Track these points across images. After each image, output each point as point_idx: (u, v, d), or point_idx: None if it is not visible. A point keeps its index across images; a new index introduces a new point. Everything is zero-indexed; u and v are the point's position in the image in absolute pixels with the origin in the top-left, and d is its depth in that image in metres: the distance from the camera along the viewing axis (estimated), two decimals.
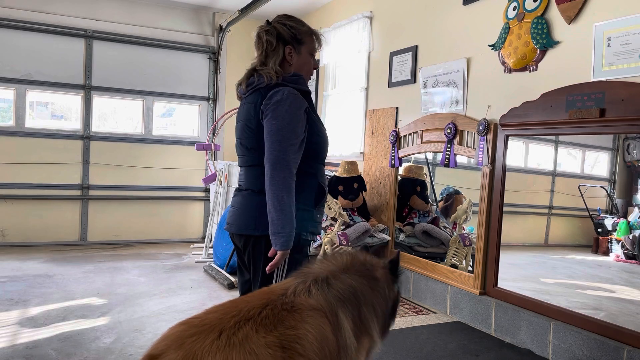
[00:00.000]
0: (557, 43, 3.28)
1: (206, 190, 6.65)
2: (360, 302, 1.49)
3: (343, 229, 4.40)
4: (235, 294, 2.35)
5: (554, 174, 4.05)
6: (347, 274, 1.52)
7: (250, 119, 2.01)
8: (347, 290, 1.48)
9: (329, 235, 4.31)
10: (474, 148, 3.82)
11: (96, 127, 6.19)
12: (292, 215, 1.89)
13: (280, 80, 2.00)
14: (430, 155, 4.93)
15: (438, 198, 5.01)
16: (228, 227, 2.12)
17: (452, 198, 4.78)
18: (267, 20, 2.09)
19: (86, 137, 6.09)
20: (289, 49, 2.06)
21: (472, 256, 3.93)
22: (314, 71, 2.20)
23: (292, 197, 1.90)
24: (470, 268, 4.05)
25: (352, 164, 4.88)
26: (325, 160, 2.17)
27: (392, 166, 4.70)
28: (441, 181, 5.05)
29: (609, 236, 3.63)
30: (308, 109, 2.00)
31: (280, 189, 1.87)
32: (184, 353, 1.15)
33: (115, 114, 6.42)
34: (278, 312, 1.31)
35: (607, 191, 3.85)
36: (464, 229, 4.39)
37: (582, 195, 3.86)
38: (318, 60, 5.90)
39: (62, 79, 5.95)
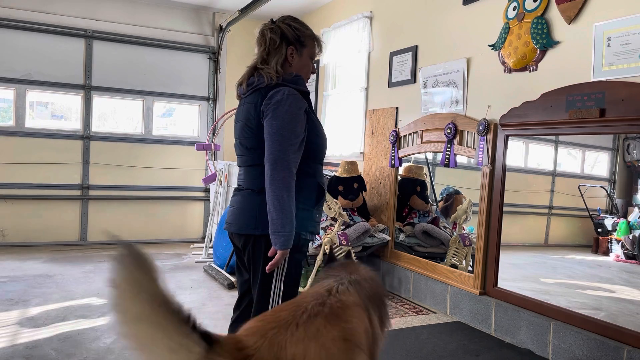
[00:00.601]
0: (557, 43, 3.28)
1: (206, 190, 6.65)
2: (383, 302, 1.73)
3: (343, 229, 4.40)
4: (235, 294, 2.35)
5: (554, 174, 4.05)
6: (367, 280, 1.72)
7: (251, 119, 2.01)
8: (374, 290, 1.68)
9: (329, 235, 4.31)
10: (474, 148, 3.82)
11: (96, 127, 6.19)
12: (292, 215, 1.89)
13: (281, 81, 2.00)
14: (430, 155, 4.93)
15: (438, 198, 5.01)
16: (228, 227, 2.12)
17: (452, 198, 4.78)
18: (272, 19, 2.10)
19: (86, 137, 6.09)
20: (292, 49, 2.06)
21: (472, 256, 3.93)
22: (312, 75, 2.21)
23: (292, 196, 1.90)
24: (470, 268, 4.05)
25: (352, 164, 4.88)
26: (325, 160, 2.18)
27: (392, 166, 4.70)
28: (441, 181, 5.05)
29: (609, 236, 3.63)
30: (308, 110, 2.01)
31: (280, 189, 1.87)
32: (269, 342, 1.27)
33: (115, 114, 6.42)
34: (335, 309, 1.45)
35: (607, 191, 3.85)
36: (464, 229, 4.39)
37: (582, 195, 3.86)
38: (317, 61, 5.90)
39: (62, 79, 5.95)
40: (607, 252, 3.62)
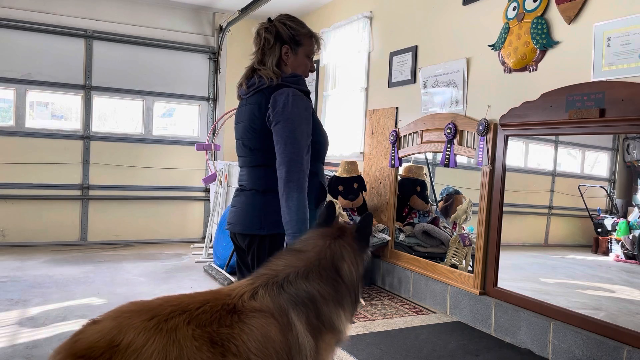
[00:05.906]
0: (557, 43, 3.28)
1: (206, 190, 6.65)
2: (319, 304, 1.53)
3: None
4: None
5: (553, 174, 4.06)
6: (305, 280, 1.54)
7: (254, 120, 2.01)
8: (301, 294, 1.51)
9: None
10: (474, 148, 3.82)
11: (96, 127, 6.19)
12: (306, 215, 1.90)
13: (281, 81, 2.00)
14: (430, 155, 4.93)
15: (438, 198, 5.01)
16: (231, 227, 2.11)
17: (452, 198, 4.79)
18: (269, 18, 2.09)
19: (86, 137, 6.09)
20: (286, 48, 2.06)
21: (472, 256, 3.93)
22: (310, 73, 2.20)
23: (306, 197, 1.91)
24: (470, 268, 4.05)
25: (352, 164, 4.88)
26: (325, 160, 2.18)
27: (392, 166, 4.70)
28: (441, 181, 5.05)
29: (609, 236, 3.63)
30: (312, 109, 2.02)
31: (295, 191, 1.88)
32: (115, 324, 1.25)
33: (115, 114, 6.42)
34: (217, 311, 1.37)
35: (607, 191, 3.85)
36: (463, 229, 4.39)
37: (582, 195, 3.86)
38: (317, 61, 5.90)
39: (62, 79, 5.94)
40: (607, 252, 3.62)
